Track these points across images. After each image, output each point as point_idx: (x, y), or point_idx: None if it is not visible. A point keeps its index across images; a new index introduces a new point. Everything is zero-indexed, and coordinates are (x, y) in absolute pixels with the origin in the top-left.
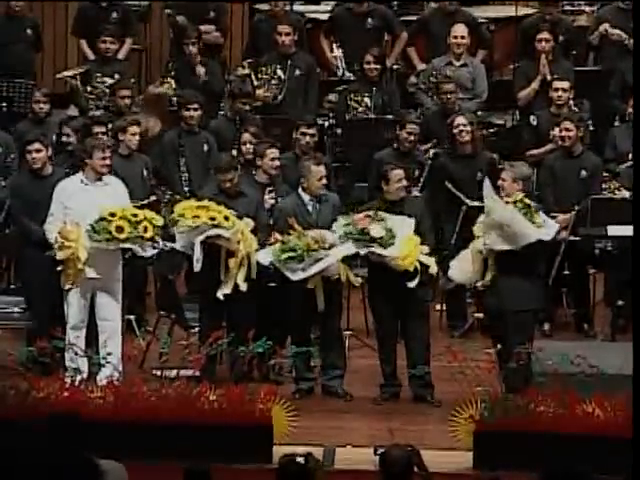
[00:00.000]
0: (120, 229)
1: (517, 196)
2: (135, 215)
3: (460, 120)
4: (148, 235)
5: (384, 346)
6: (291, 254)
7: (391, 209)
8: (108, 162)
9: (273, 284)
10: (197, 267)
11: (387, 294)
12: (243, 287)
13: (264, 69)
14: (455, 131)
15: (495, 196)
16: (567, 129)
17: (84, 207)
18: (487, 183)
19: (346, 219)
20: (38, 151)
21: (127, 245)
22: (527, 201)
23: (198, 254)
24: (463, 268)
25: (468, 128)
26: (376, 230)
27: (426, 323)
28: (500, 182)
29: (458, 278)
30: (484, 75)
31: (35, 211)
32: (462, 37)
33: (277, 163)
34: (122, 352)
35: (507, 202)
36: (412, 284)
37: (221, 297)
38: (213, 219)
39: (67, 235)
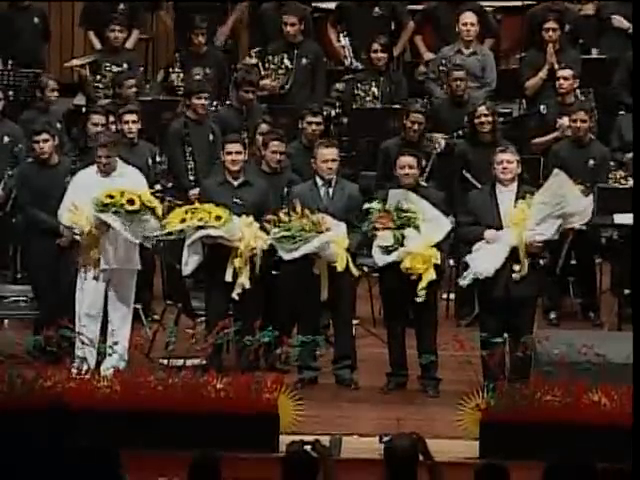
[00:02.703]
0: (110, 197)
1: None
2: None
3: (482, 110)
4: (131, 208)
5: (393, 335)
6: (285, 234)
7: None
8: (105, 160)
9: (276, 272)
10: (185, 271)
11: (398, 283)
12: (247, 284)
13: (271, 58)
14: (476, 121)
15: (574, 186)
16: (582, 120)
17: None
18: (559, 173)
19: (374, 210)
20: (45, 141)
21: (109, 217)
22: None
23: (186, 257)
24: (491, 261)
25: (490, 118)
26: (384, 239)
27: (435, 311)
28: (507, 165)
29: (485, 272)
30: (493, 64)
31: (42, 200)
32: (471, 24)
33: (277, 157)
34: (129, 341)
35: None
36: (420, 299)
37: (236, 297)
38: (200, 220)
39: (76, 205)
